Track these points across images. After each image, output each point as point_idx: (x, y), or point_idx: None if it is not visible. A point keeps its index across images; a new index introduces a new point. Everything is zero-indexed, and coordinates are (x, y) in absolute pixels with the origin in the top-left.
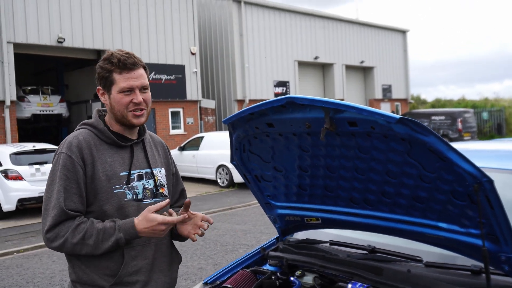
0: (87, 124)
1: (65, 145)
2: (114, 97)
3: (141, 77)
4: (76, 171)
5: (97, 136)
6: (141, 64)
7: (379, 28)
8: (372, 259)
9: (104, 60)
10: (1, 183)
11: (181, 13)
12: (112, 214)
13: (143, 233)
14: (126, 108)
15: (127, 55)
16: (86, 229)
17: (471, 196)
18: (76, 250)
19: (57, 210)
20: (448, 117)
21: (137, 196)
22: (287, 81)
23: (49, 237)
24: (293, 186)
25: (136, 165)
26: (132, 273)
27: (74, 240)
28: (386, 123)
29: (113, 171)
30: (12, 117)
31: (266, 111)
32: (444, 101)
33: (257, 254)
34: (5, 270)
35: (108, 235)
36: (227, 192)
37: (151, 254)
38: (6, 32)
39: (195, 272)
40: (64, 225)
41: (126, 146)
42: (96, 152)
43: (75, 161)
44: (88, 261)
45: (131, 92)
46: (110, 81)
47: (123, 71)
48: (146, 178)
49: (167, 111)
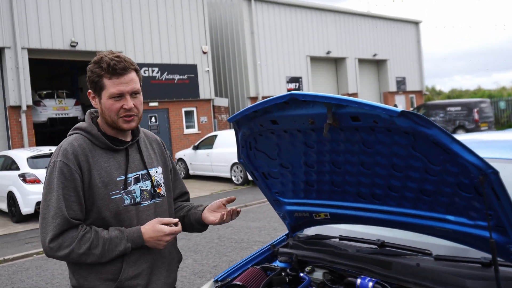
0: (80, 129)
1: (60, 153)
2: (104, 102)
3: (132, 82)
4: (74, 179)
5: (91, 141)
6: (132, 67)
7: (391, 20)
8: (381, 253)
9: (94, 63)
10: (20, 186)
11: (191, 12)
12: (110, 220)
13: (148, 242)
14: (116, 114)
15: (118, 59)
16: (92, 239)
17: (477, 188)
18: (82, 260)
19: (60, 219)
20: (464, 108)
21: (135, 200)
22: (300, 77)
23: (53, 246)
24: (300, 183)
25: (132, 168)
26: (133, 277)
27: (81, 250)
28: (388, 116)
29: (109, 177)
30: (28, 121)
31: (270, 108)
32: (460, 91)
33: (267, 251)
34: (25, 272)
35: (115, 245)
36: (242, 189)
37: (151, 257)
38: (20, 38)
39: (210, 270)
40: (68, 235)
41: (121, 149)
42: (91, 159)
43: (72, 169)
44: (89, 268)
45: (121, 98)
46: (100, 86)
47: (113, 76)
48: (143, 180)
49: (181, 110)
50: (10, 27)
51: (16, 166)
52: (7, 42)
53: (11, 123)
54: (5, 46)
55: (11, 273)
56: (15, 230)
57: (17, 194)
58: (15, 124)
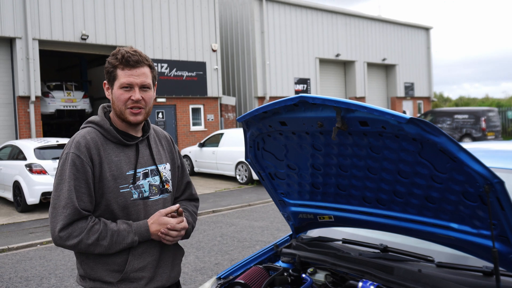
0: (93, 122)
1: (73, 145)
2: (115, 92)
3: (143, 75)
4: (85, 171)
5: (103, 135)
6: (146, 62)
7: (401, 25)
8: (383, 258)
9: (111, 55)
10: (26, 176)
11: (202, 10)
12: (118, 213)
13: (154, 235)
14: (124, 105)
15: (133, 52)
16: (101, 231)
17: (482, 197)
18: (89, 250)
19: (71, 209)
20: (472, 116)
21: (143, 194)
22: (308, 79)
23: (62, 235)
24: (306, 184)
25: (142, 163)
26: (138, 269)
27: (89, 241)
28: (397, 123)
29: (119, 170)
30: (36, 112)
31: (279, 110)
32: (468, 99)
33: (271, 250)
34: (28, 261)
35: (122, 238)
36: (246, 188)
37: (157, 250)
38: (32, 29)
39: (211, 267)
40: (77, 225)
41: (131, 144)
42: (103, 152)
43: (84, 161)
44: (96, 258)
45: (130, 89)
46: (113, 76)
47: (125, 67)
48: (152, 175)
49: (188, 107)
50: (22, 18)
51: (23, 156)
52: (19, 32)
53: (19, 113)
54: (16, 37)
55: (14, 262)
56: (20, 220)
57: (23, 184)
58: (23, 114)
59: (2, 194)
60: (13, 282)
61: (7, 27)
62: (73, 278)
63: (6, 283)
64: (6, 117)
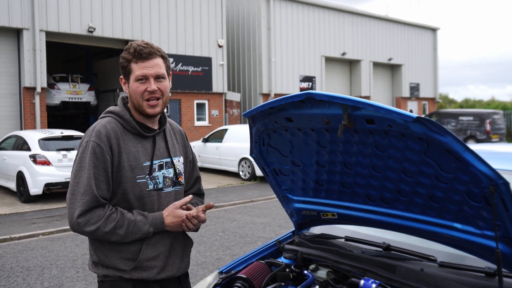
0: (113, 112)
1: (94, 133)
2: (131, 85)
3: (156, 66)
4: (105, 160)
5: (122, 126)
6: (158, 53)
7: (408, 26)
8: (386, 257)
9: (124, 50)
10: (30, 167)
11: (209, 5)
12: (133, 202)
13: (169, 227)
14: (141, 97)
15: (144, 45)
16: (118, 220)
17: (487, 197)
18: (106, 238)
19: (90, 196)
20: (477, 118)
21: (158, 185)
22: (313, 76)
23: (80, 222)
24: (311, 181)
25: (158, 155)
26: (151, 259)
27: (106, 229)
28: (403, 122)
29: (136, 161)
30: (42, 103)
31: (286, 106)
32: (473, 101)
33: (273, 246)
34: (30, 251)
35: (138, 228)
36: (249, 185)
37: (169, 241)
38: (39, 21)
39: (213, 262)
40: (95, 212)
41: (149, 136)
42: (122, 142)
43: (104, 150)
44: (111, 246)
45: (146, 81)
46: (128, 71)
47: (138, 60)
48: (166, 167)
49: (193, 102)
50: (29, 9)
51: (28, 146)
52: (26, 23)
53: (24, 104)
54: (23, 28)
55: (16, 252)
56: (23, 210)
57: (26, 174)
58: (28, 105)
59: (6, 184)
60: (14, 271)
61: (14, 18)
62: (74, 269)
63: (8, 272)
64: (12, 108)
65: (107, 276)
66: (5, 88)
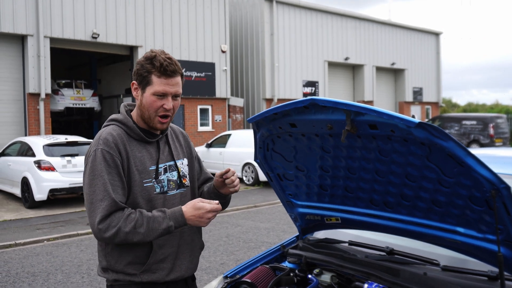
0: (117, 120)
1: (101, 141)
2: (146, 97)
3: (177, 85)
4: (116, 165)
5: (126, 132)
6: (179, 72)
7: (411, 30)
8: (389, 261)
9: (146, 59)
10: (34, 173)
11: (213, 11)
12: (143, 206)
13: (190, 220)
14: (155, 112)
15: (170, 61)
16: (137, 219)
17: (489, 201)
18: (128, 239)
19: (108, 201)
20: (480, 122)
21: (163, 188)
22: (316, 81)
23: (102, 227)
24: (314, 186)
25: (162, 159)
26: (159, 261)
27: (127, 229)
28: (405, 127)
29: (143, 166)
30: (46, 109)
31: (290, 112)
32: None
33: (277, 251)
34: (35, 257)
35: (158, 223)
36: (252, 190)
37: (176, 242)
38: (43, 27)
39: (217, 267)
40: (115, 216)
41: (152, 141)
42: (128, 148)
43: (114, 155)
44: (121, 250)
45: (164, 97)
46: (147, 81)
47: (162, 75)
48: (170, 171)
49: (196, 108)
50: (34, 15)
51: (32, 152)
52: (30, 30)
53: (29, 110)
54: (28, 34)
55: (22, 257)
56: (27, 216)
57: (31, 180)
58: (33, 111)
59: (11, 190)
60: (20, 277)
61: (19, 25)
62: (79, 275)
63: (13, 278)
64: (16, 114)
65: (117, 281)
66: (10, 94)
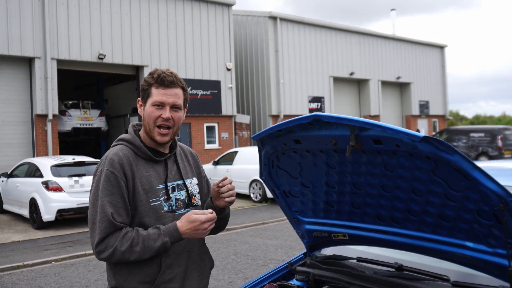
0: (124, 140)
1: (107, 162)
2: (146, 109)
3: (175, 96)
4: (120, 186)
5: (134, 152)
6: (180, 84)
7: (416, 44)
8: (398, 277)
9: (149, 74)
10: (42, 193)
11: (217, 29)
12: (151, 225)
13: (186, 234)
14: (154, 122)
15: (169, 73)
16: (133, 237)
17: (497, 215)
18: (125, 258)
19: (106, 223)
20: (488, 134)
21: (172, 207)
22: (322, 97)
23: (99, 249)
24: (321, 202)
25: (170, 178)
26: (168, 281)
27: (123, 248)
28: (410, 141)
29: (149, 185)
30: (53, 130)
31: (294, 128)
32: (484, 117)
33: (285, 268)
34: (43, 278)
35: (154, 241)
36: (260, 207)
37: (185, 262)
38: (51, 49)
39: (225, 286)
40: (113, 236)
41: (160, 160)
42: (135, 167)
43: (118, 177)
44: (130, 269)
45: (162, 107)
46: (147, 94)
47: (160, 86)
48: (178, 190)
49: (203, 125)
50: (41, 38)
51: (40, 173)
52: (38, 52)
53: (37, 131)
54: (35, 56)
55: (30, 279)
56: (36, 237)
57: (39, 201)
58: (40, 132)
59: (19, 211)
60: None
61: (26, 47)
62: None
63: None
64: (24, 135)
65: None
66: (17, 116)
